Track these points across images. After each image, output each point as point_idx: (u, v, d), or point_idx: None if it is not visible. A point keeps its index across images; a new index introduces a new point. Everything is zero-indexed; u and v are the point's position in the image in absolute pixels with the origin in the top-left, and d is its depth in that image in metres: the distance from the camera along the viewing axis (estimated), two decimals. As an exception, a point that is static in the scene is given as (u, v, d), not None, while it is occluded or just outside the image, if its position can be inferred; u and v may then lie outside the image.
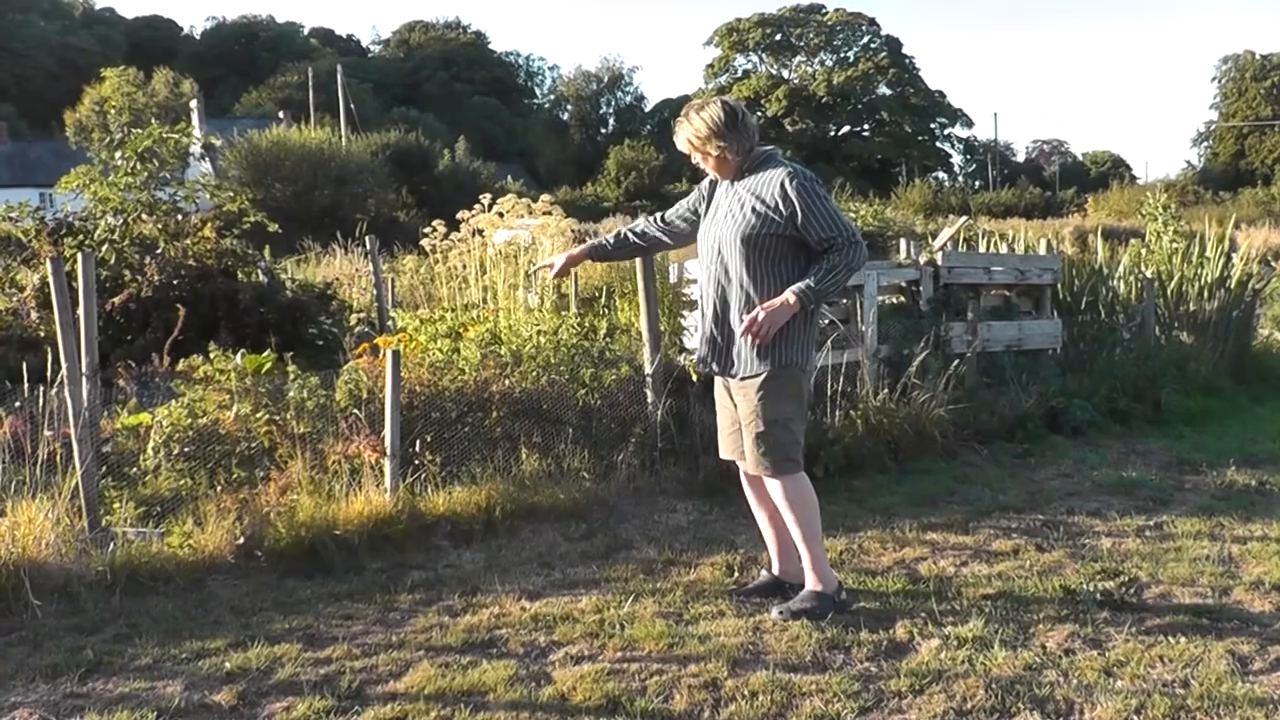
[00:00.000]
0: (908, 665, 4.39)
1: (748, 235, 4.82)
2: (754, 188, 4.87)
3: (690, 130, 4.95)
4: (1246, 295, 12.56)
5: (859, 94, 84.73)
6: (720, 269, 4.95)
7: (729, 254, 4.90)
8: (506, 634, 4.77)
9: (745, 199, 4.88)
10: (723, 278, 4.95)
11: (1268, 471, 7.80)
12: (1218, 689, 4.16)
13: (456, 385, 7.03)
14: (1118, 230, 33.30)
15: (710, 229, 5.05)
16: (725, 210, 4.97)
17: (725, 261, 4.92)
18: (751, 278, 4.85)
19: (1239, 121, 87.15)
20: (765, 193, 4.82)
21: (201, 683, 4.30)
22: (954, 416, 8.14)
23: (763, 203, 4.81)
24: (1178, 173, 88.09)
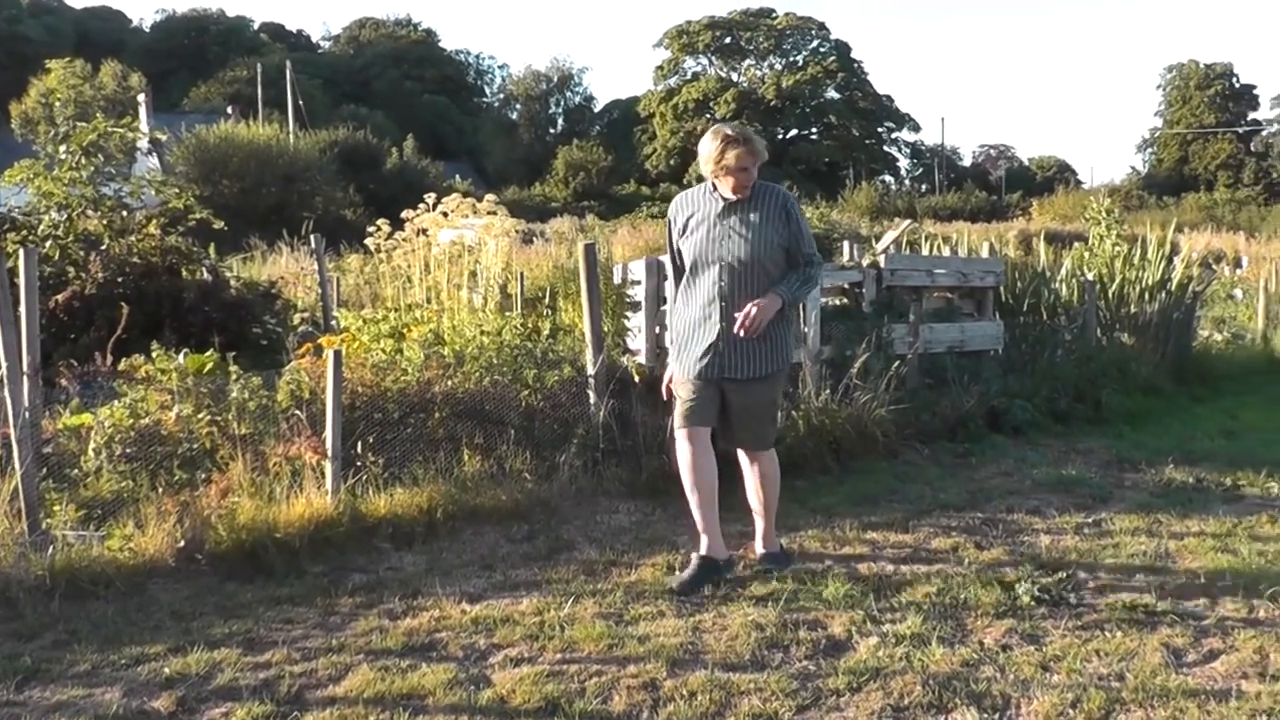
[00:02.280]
0: (846, 663, 4.43)
1: (772, 251, 5.43)
2: (763, 207, 5.46)
3: (760, 154, 5.44)
4: (1187, 298, 12.72)
5: (808, 97, 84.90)
6: (734, 280, 5.41)
7: (752, 268, 5.41)
8: (446, 637, 4.76)
9: (759, 218, 5.43)
10: (736, 288, 5.40)
11: (1205, 469, 7.92)
12: (1152, 681, 4.24)
13: (399, 386, 7.01)
14: (1062, 234, 33.60)
15: (715, 246, 5.46)
16: (730, 228, 5.44)
17: (750, 275, 5.41)
18: (765, 287, 5.40)
19: (1183, 129, 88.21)
20: (775, 211, 5.46)
21: (140, 689, 4.25)
22: (896, 417, 8.19)
23: (779, 220, 5.45)
24: (1123, 178, 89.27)
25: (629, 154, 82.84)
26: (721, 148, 5.38)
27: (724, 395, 5.55)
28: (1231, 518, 6.65)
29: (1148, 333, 11.77)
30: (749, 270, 5.42)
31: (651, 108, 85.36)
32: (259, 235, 24.44)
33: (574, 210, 52.69)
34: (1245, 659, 4.50)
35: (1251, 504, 7.06)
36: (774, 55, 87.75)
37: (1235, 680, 4.30)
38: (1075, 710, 4.02)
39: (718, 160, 5.39)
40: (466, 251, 9.82)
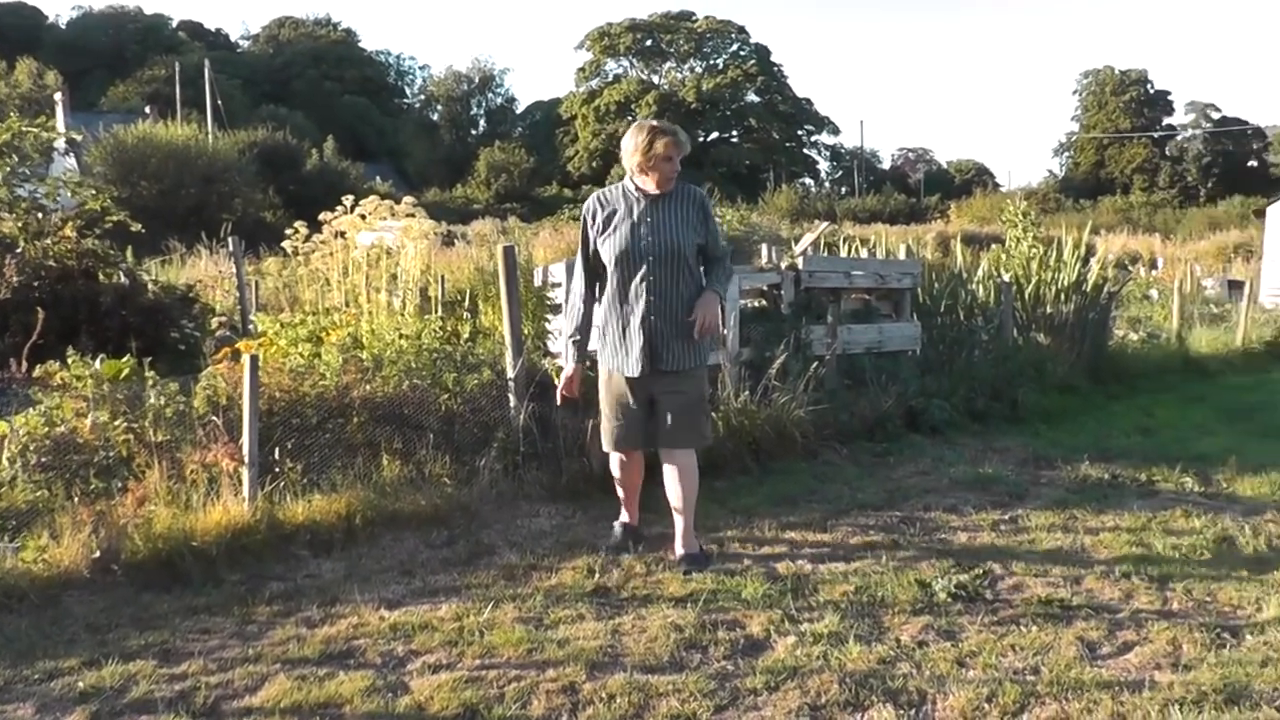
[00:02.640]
0: (764, 663, 4.45)
1: (692, 247, 5.64)
2: (683, 203, 5.67)
3: (684, 146, 5.63)
4: (1102, 298, 12.92)
5: (728, 100, 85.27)
6: (660, 275, 5.57)
7: (676, 262, 5.58)
8: (364, 644, 4.72)
9: (679, 213, 5.63)
10: (666, 282, 5.58)
11: (1120, 465, 8.07)
12: (1067, 674, 4.32)
13: (317, 391, 6.94)
14: (979, 236, 34.07)
15: (641, 242, 5.58)
16: (653, 224, 5.58)
17: (667, 269, 5.57)
18: (691, 280, 5.65)
19: (1099, 133, 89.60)
20: (694, 208, 5.68)
21: (54, 704, 4.18)
22: (814, 417, 8.24)
23: (696, 218, 5.66)
24: (1040, 181, 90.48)
25: (551, 156, 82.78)
26: (650, 138, 5.53)
27: (653, 399, 5.72)
28: (1146, 513, 6.78)
29: (1064, 332, 11.94)
30: (674, 265, 5.58)
31: (573, 109, 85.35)
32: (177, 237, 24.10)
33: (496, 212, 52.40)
34: (1159, 650, 4.60)
35: (1166, 499, 7.19)
36: (694, 58, 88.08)
37: (1149, 671, 4.39)
38: (990, 705, 4.08)
39: (646, 151, 5.54)
40: (386, 254, 9.74)
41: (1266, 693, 4.16)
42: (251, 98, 72.58)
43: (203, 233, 23.73)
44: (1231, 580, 5.48)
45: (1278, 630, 4.81)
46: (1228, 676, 4.29)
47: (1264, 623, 4.91)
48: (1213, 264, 34.70)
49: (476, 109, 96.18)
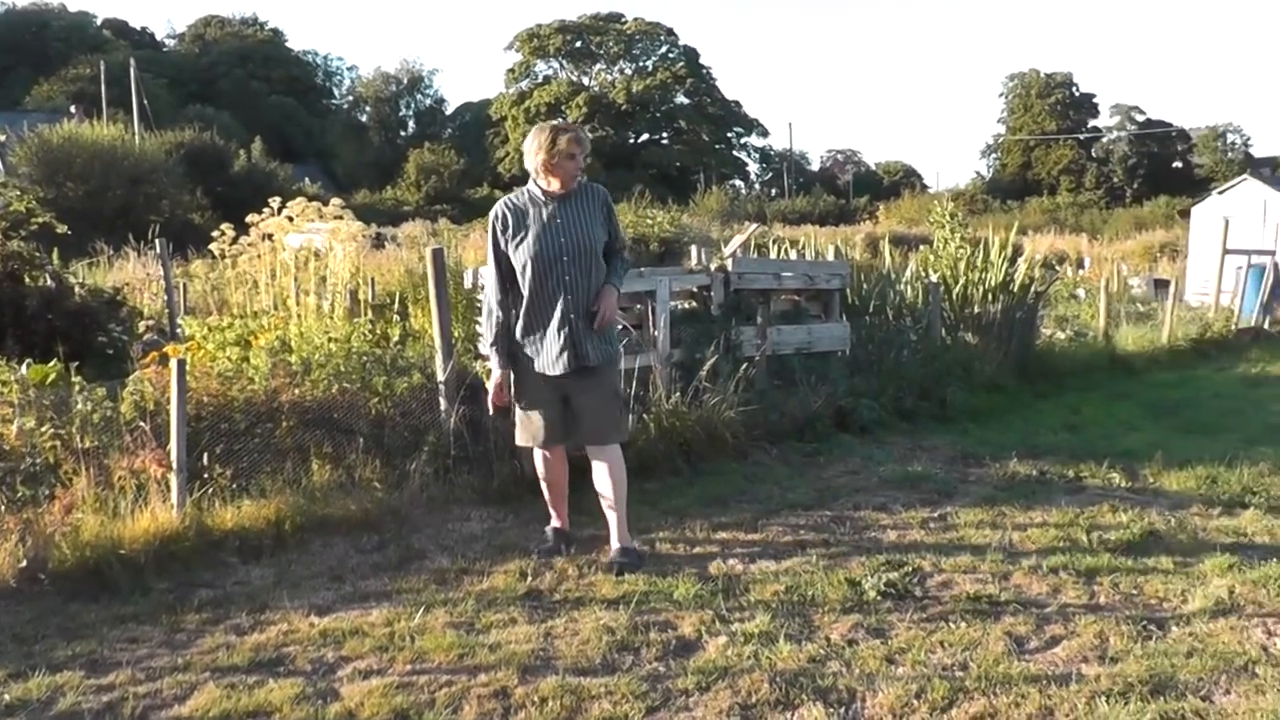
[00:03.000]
0: (695, 663, 4.48)
1: (599, 244, 5.78)
2: (589, 202, 5.81)
3: (586, 144, 5.80)
4: (1029, 298, 13.04)
5: (658, 102, 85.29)
6: (575, 273, 5.69)
7: (586, 261, 5.72)
8: (294, 651, 4.69)
9: (584, 213, 5.76)
10: (580, 281, 5.70)
11: (1048, 462, 8.19)
12: (995, 669, 4.39)
13: (245, 395, 6.87)
14: (908, 237, 34.39)
15: (552, 244, 5.68)
16: (563, 224, 5.70)
17: (580, 267, 5.70)
18: (598, 278, 5.76)
19: (1025, 135, 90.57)
20: (598, 207, 5.81)
21: (-23, 717, 4.12)
22: (745, 418, 8.26)
23: (601, 215, 5.81)
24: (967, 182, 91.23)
25: (481, 157, 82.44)
26: (552, 136, 5.66)
27: (568, 397, 5.84)
28: (1074, 508, 6.89)
29: (991, 332, 12.04)
30: (585, 263, 5.72)
31: (503, 111, 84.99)
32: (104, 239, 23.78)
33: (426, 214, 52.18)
34: (1086, 643, 4.68)
35: (1093, 494, 7.30)
36: (624, 60, 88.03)
37: (1076, 664, 4.47)
38: (919, 701, 4.14)
39: (549, 149, 5.66)
40: (314, 257, 9.67)
41: (1191, 683, 4.26)
42: (178, 97, 71.61)
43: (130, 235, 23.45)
44: (1158, 573, 5.59)
45: (1203, 621, 4.92)
46: (1153, 668, 4.38)
47: (1189, 614, 5.02)
48: (1139, 263, 35.15)
49: (405, 110, 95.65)
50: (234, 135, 56.96)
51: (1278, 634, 4.80)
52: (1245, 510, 6.86)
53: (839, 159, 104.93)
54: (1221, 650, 4.59)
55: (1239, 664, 4.45)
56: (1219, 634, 4.78)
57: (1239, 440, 8.98)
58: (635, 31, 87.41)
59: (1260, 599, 5.22)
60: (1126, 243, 43.02)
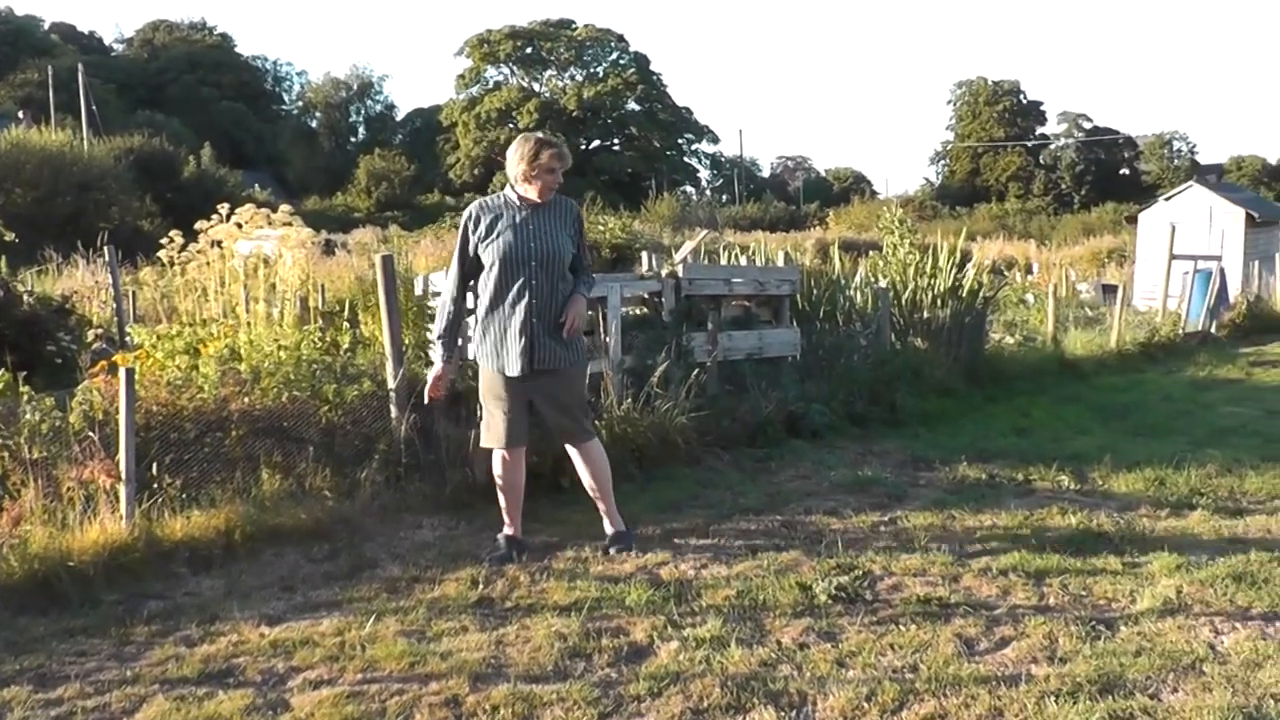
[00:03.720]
0: (647, 669, 4.49)
1: (567, 254, 5.97)
2: (561, 213, 6.03)
3: (567, 159, 6.00)
4: (978, 303, 13.14)
5: (609, 109, 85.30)
6: (541, 278, 5.87)
7: (555, 268, 5.91)
8: (244, 662, 4.66)
9: (555, 223, 5.96)
10: (545, 286, 5.88)
11: (998, 465, 8.26)
12: (945, 671, 4.43)
13: (195, 404, 6.81)
14: (858, 243, 34.57)
15: (523, 248, 5.86)
16: (535, 231, 5.89)
17: (546, 273, 5.88)
18: (566, 286, 5.98)
19: (974, 142, 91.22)
20: (569, 219, 6.05)
21: (-78, 734, 4.07)
22: (696, 424, 8.28)
23: (572, 226, 6.04)
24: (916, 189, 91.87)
25: (432, 163, 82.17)
26: (535, 149, 5.86)
27: (531, 399, 6.04)
28: (1023, 511, 6.95)
29: (941, 337, 12.11)
30: (551, 270, 5.90)
31: (454, 117, 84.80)
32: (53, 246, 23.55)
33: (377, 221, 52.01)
34: (1035, 644, 4.72)
35: (1042, 497, 7.37)
36: (575, 66, 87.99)
37: (1025, 665, 4.51)
38: (870, 703, 4.16)
39: (531, 161, 5.85)
40: (264, 264, 9.60)
41: (1140, 681, 4.31)
42: (127, 103, 70.91)
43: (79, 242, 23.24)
44: (1106, 574, 5.65)
45: (1151, 621, 4.98)
46: (1102, 667, 4.43)
47: (1138, 614, 5.08)
48: (1087, 269, 35.47)
49: (356, 116, 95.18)
50: (184, 141, 56.57)
51: (1225, 633, 4.87)
52: (1193, 511, 6.95)
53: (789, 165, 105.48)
54: (1169, 649, 4.65)
55: (1186, 662, 4.51)
56: (1167, 633, 4.84)
57: (1187, 443, 9.08)
58: (586, 38, 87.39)
59: (1207, 598, 5.28)
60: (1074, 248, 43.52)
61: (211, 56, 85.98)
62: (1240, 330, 19.42)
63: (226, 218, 9.56)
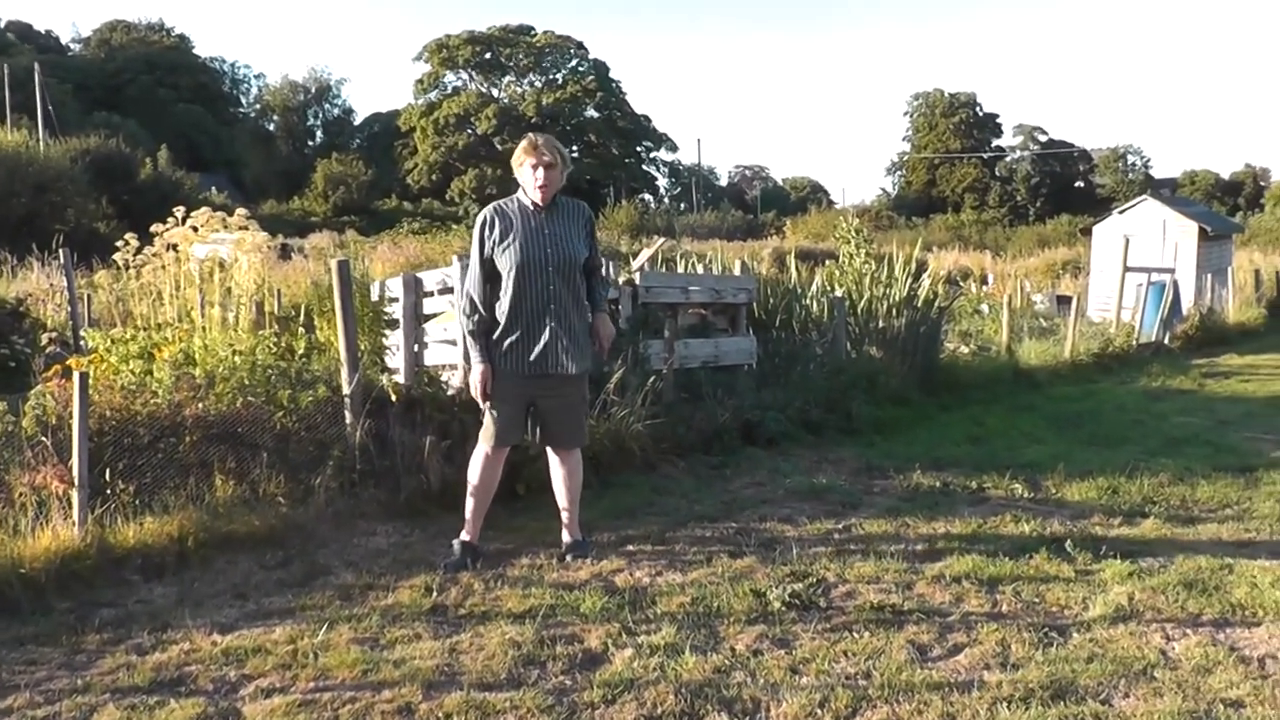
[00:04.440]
0: (601, 676, 4.47)
1: (581, 256, 6.03)
2: (574, 218, 6.08)
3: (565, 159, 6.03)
4: (933, 313, 13.22)
5: (568, 115, 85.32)
6: (559, 283, 5.92)
7: (569, 272, 5.96)
8: (196, 670, 4.61)
9: (569, 226, 6.02)
10: (563, 290, 5.93)
11: (952, 474, 8.32)
12: (898, 677, 4.44)
13: (149, 409, 6.75)
14: (814, 252, 34.66)
15: (539, 252, 5.90)
16: (548, 235, 5.93)
17: (564, 277, 5.94)
18: (580, 288, 6.07)
19: (930, 153, 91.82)
20: (582, 222, 6.10)
21: None
22: (652, 431, 8.31)
23: (584, 231, 6.09)
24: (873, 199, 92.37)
25: (390, 168, 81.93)
26: (531, 143, 5.97)
27: (535, 402, 6.07)
28: (977, 519, 6.99)
29: (896, 346, 12.18)
30: (568, 272, 5.96)
31: (412, 122, 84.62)
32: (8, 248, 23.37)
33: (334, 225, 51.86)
34: (988, 651, 4.75)
35: (996, 505, 7.42)
36: (534, 73, 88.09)
37: (978, 671, 4.53)
38: (823, 710, 4.17)
39: (517, 166, 6.01)
40: (219, 267, 9.53)
41: (1091, 687, 4.35)
42: (83, 103, 70.35)
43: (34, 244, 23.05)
44: (1059, 582, 5.69)
45: (1103, 628, 5.02)
46: (1054, 674, 4.46)
47: (1090, 621, 5.11)
48: (1042, 280, 35.70)
49: (313, 120, 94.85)
50: (141, 143, 56.15)
51: (1176, 639, 4.91)
52: (1145, 520, 7.01)
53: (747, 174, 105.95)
54: (1121, 655, 4.68)
55: (1138, 668, 4.55)
56: (1119, 639, 4.88)
57: (1140, 452, 9.17)
58: (545, 44, 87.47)
59: (1159, 605, 5.33)
60: (1029, 260, 43.80)
61: (169, 58, 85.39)
62: (1193, 342, 19.63)
63: (182, 221, 9.50)
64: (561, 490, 6.24)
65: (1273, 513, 7.16)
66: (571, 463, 6.23)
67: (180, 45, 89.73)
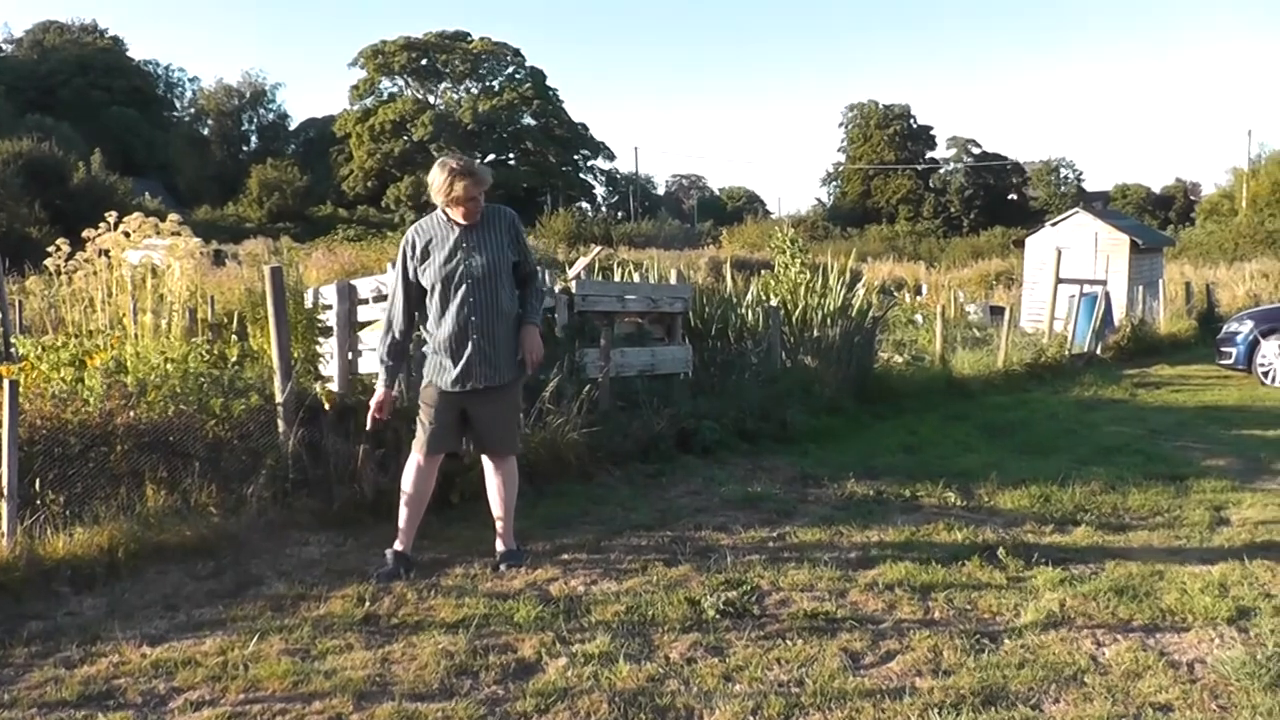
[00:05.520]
0: (534, 685, 4.47)
1: (507, 266, 6.00)
2: (496, 226, 6.01)
3: (485, 182, 5.89)
4: (867, 322, 13.32)
5: (504, 123, 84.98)
6: (480, 295, 5.89)
7: (493, 284, 5.92)
8: (125, 683, 4.56)
9: (494, 236, 5.97)
10: (486, 303, 5.91)
11: (885, 482, 8.37)
12: (830, 684, 4.47)
13: (80, 418, 6.66)
14: (750, 261, 34.86)
15: (459, 267, 5.89)
16: (470, 248, 5.90)
17: (491, 290, 5.91)
18: (508, 298, 6.00)
19: (865, 164, 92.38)
20: (506, 231, 6.03)
21: None
22: (589, 440, 8.31)
23: (509, 238, 6.02)
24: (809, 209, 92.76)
25: (325, 175, 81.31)
26: (449, 180, 5.81)
27: (466, 411, 6.04)
28: (910, 527, 7.06)
29: (830, 355, 12.25)
30: (492, 286, 5.92)
31: (347, 128, 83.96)
32: (-58, 255, 22.98)
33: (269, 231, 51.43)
34: (920, 658, 4.79)
35: (929, 513, 7.49)
36: (470, 79, 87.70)
37: (910, 678, 4.57)
38: (756, 717, 4.20)
39: (447, 192, 5.81)
40: (152, 274, 9.43)
41: (1022, 693, 4.40)
42: (15, 105, 69.29)
43: (-36, 249, 22.69)
44: (991, 589, 5.75)
45: (1034, 634, 5.08)
46: (986, 680, 4.51)
47: (1021, 627, 5.17)
48: (975, 290, 36.04)
49: (248, 124, 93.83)
50: (74, 146, 55.38)
51: (1106, 644, 4.97)
52: (1077, 527, 7.10)
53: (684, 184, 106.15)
54: (1052, 661, 4.74)
55: (1068, 674, 4.61)
56: (1050, 645, 4.93)
57: (1072, 460, 9.29)
58: (481, 51, 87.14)
59: (1090, 611, 5.40)
60: (963, 270, 44.26)
61: (103, 60, 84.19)
62: (1125, 352, 19.92)
63: (114, 226, 9.40)
64: (496, 499, 6.20)
65: (1203, 520, 7.28)
66: (506, 471, 6.20)
67: (114, 47, 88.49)
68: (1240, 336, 16.44)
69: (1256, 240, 51.76)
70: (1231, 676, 4.54)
